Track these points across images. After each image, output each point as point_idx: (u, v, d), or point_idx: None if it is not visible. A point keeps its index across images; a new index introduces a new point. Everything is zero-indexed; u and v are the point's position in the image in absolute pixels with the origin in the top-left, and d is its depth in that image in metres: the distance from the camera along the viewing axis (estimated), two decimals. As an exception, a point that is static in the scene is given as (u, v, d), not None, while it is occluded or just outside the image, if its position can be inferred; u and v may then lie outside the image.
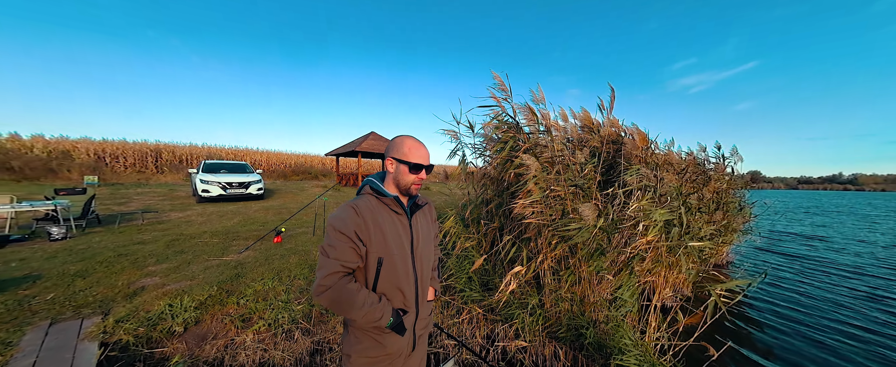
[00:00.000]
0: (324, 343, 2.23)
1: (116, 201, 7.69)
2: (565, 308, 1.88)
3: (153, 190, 10.31)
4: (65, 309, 2.31)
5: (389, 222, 0.91)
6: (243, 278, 2.94)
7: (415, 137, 0.95)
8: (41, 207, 4.63)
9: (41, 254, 3.53)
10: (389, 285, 0.90)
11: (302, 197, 9.57)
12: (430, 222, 1.08)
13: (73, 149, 14.56)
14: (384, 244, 0.88)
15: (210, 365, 1.96)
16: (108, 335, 2.02)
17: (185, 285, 2.75)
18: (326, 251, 0.84)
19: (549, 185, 1.61)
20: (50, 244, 3.93)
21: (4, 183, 10.15)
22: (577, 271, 1.71)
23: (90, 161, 14.21)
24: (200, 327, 2.25)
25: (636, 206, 1.44)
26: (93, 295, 2.54)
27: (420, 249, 0.96)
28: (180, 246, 3.96)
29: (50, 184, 10.49)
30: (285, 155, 22.29)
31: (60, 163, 12.77)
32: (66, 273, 2.95)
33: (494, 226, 2.46)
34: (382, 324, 0.86)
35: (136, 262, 3.32)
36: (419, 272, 0.96)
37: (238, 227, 5.23)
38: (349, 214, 0.86)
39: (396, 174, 0.93)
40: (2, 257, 3.39)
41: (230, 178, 8.07)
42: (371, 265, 0.88)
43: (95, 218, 5.17)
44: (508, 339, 2.01)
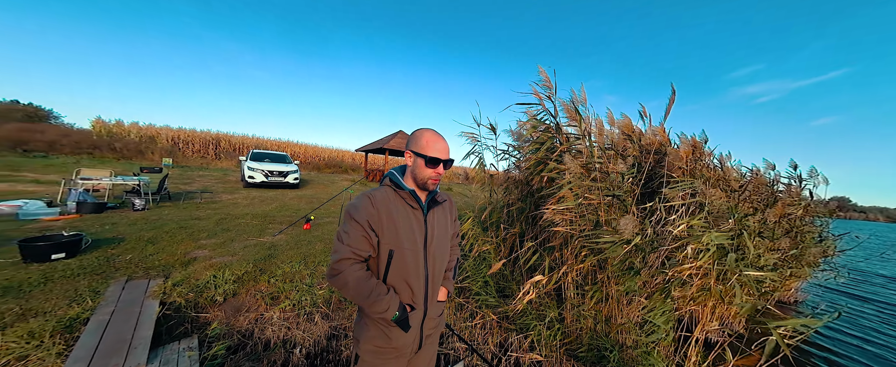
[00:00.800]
0: (340, 329, 2.33)
1: (183, 181, 8.99)
2: (588, 326, 1.72)
3: (211, 173, 11.86)
4: (137, 269, 2.74)
5: (404, 215, 0.90)
6: (274, 259, 3.22)
7: (435, 130, 0.93)
8: (130, 181, 5.59)
9: (126, 221, 4.25)
10: (399, 278, 0.89)
11: (331, 189, 10.25)
12: (449, 220, 1.04)
13: (157, 135, 17.42)
14: (396, 237, 0.87)
15: (242, 335, 2.17)
16: (166, 295, 2.34)
17: (227, 260, 3.09)
18: (341, 237, 0.86)
19: (583, 192, 1.48)
20: (132, 213, 4.72)
21: (108, 161, 12.49)
22: (606, 289, 1.54)
23: (168, 146, 16.88)
24: (237, 299, 2.50)
25: (684, 226, 1.24)
26: (158, 260, 2.98)
27: (433, 246, 0.94)
28: (227, 225, 4.47)
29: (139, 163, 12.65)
30: (320, 149, 24.14)
31: (147, 146, 15.38)
32: (141, 239, 3.51)
33: (515, 231, 2.36)
34: (388, 317, 0.85)
35: (192, 235, 3.83)
36: (430, 270, 0.94)
37: (274, 212, 5.76)
38: (364, 203, 0.87)
39: (414, 168, 0.91)
40: (99, 221, 4.15)
41: (272, 166, 8.95)
42: (382, 257, 0.88)
43: (167, 194, 6.10)
44: (522, 350, 1.90)
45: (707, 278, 1.20)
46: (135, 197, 5.13)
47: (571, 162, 1.42)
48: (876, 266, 6.68)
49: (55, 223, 3.86)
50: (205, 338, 2.05)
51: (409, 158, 0.93)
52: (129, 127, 17.12)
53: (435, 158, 0.88)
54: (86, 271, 2.61)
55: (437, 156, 0.88)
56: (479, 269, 2.43)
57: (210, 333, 2.08)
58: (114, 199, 5.55)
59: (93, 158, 12.54)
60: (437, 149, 0.89)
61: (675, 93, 1.39)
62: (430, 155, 0.88)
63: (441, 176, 0.91)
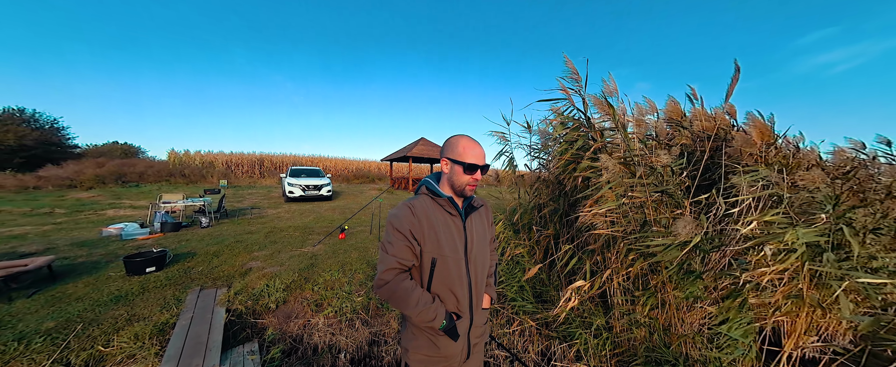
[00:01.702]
0: (380, 335, 2.42)
1: (236, 200, 10.21)
2: (642, 335, 1.55)
3: (258, 191, 13.31)
4: (207, 280, 3.16)
5: (443, 223, 0.90)
6: (316, 268, 3.47)
7: (470, 136, 0.92)
8: (197, 202, 6.52)
9: (196, 237, 4.95)
10: (443, 286, 0.89)
11: (361, 198, 10.83)
12: (486, 225, 1.03)
13: (214, 160, 20.19)
14: (438, 245, 0.87)
15: (293, 339, 2.36)
16: (230, 303, 2.66)
17: (276, 270, 3.41)
18: (385, 247, 0.88)
19: (626, 190, 1.35)
20: (200, 230, 5.48)
21: (180, 185, 14.73)
22: (661, 294, 1.38)
23: (223, 169, 19.43)
24: (287, 306, 2.74)
25: (755, 222, 1.05)
26: (222, 271, 3.40)
27: (474, 252, 0.93)
28: (274, 237, 4.96)
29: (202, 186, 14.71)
30: (348, 161, 25.81)
31: (207, 170, 17.88)
32: (208, 253, 4.04)
33: (548, 233, 2.25)
34: (436, 325, 0.85)
35: (247, 248, 4.31)
36: (473, 276, 0.93)
37: (313, 223, 6.25)
38: (405, 213, 0.88)
39: (451, 175, 0.91)
40: (177, 238, 4.89)
41: (308, 181, 9.77)
42: (425, 265, 0.89)
43: (225, 212, 6.97)
44: (567, 360, 1.78)
45: (794, 282, 0.99)
46: (201, 216, 5.96)
47: (609, 160, 1.31)
48: None
49: (147, 242, 4.64)
50: (263, 342, 2.28)
51: (445, 165, 0.93)
52: (194, 155, 20.13)
53: (473, 165, 0.87)
54: (171, 281, 3.09)
55: (474, 162, 0.88)
56: (512, 273, 2.36)
57: (267, 338, 2.31)
58: (186, 218, 6.51)
59: (170, 185, 14.90)
60: (475, 155, 0.88)
61: (738, 70, 1.20)
62: (468, 162, 0.87)
63: (478, 182, 0.91)
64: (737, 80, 1.22)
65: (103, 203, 9.00)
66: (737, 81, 1.22)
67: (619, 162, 1.35)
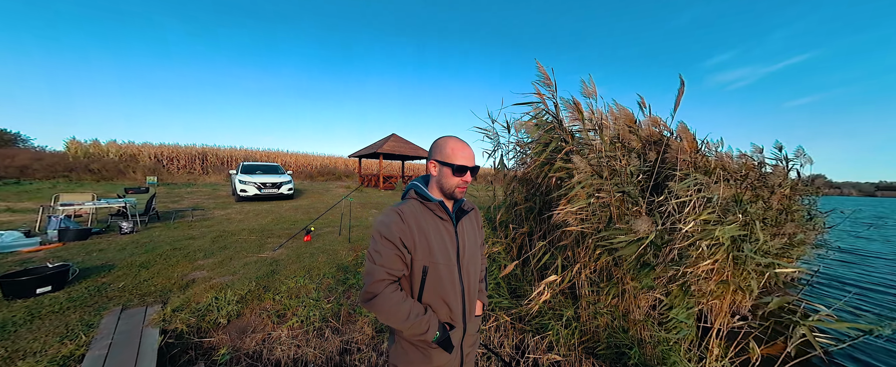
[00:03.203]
0: (353, 343, 2.28)
1: (171, 200, 8.66)
2: (604, 323, 1.73)
3: (200, 189, 11.48)
4: (133, 297, 2.61)
5: (435, 228, 0.87)
6: (278, 275, 3.13)
7: (458, 137, 0.90)
8: (115, 204, 5.34)
9: (114, 246, 4.06)
10: (435, 296, 0.86)
11: (327, 197, 10.07)
12: (476, 229, 1.01)
13: (138, 153, 16.76)
14: (429, 252, 0.84)
15: (250, 358, 2.09)
16: (166, 322, 2.24)
17: (228, 280, 2.98)
18: (373, 257, 0.82)
19: (594, 190, 1.49)
20: (121, 237, 4.51)
21: (87, 183, 11.91)
22: (622, 285, 1.56)
23: (151, 163, 16.25)
24: (241, 320, 2.41)
25: (693, 223, 1.25)
26: (154, 285, 2.85)
27: (466, 258, 0.91)
28: (223, 242, 4.33)
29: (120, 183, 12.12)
30: (311, 157, 23.72)
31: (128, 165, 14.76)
32: (133, 264, 3.35)
33: (523, 230, 2.36)
34: (428, 338, 0.82)
35: (188, 256, 3.68)
36: (466, 283, 0.91)
37: (271, 225, 5.61)
38: (394, 219, 0.83)
39: (440, 177, 0.89)
40: (85, 248, 3.94)
41: (264, 178, 8.73)
42: (416, 274, 0.85)
43: (155, 214, 5.86)
44: (540, 351, 1.90)
45: (723, 271, 1.22)
46: (122, 220, 4.90)
47: (581, 162, 1.43)
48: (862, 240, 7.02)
49: (36, 254, 3.64)
50: (212, 365, 1.97)
51: (433, 167, 0.90)
52: (107, 146, 16.40)
53: (462, 166, 0.85)
54: (76, 303, 2.47)
55: (464, 163, 0.85)
56: (489, 270, 2.43)
57: (219, 359, 2.00)
58: (98, 223, 5.29)
59: (70, 182, 11.93)
60: (464, 156, 0.86)
61: (683, 84, 1.40)
62: (458, 163, 0.85)
63: (468, 184, 0.89)
64: (682, 92, 1.44)
65: (-35, 205, 6.81)
66: (682, 93, 1.44)
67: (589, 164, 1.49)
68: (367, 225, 5.79)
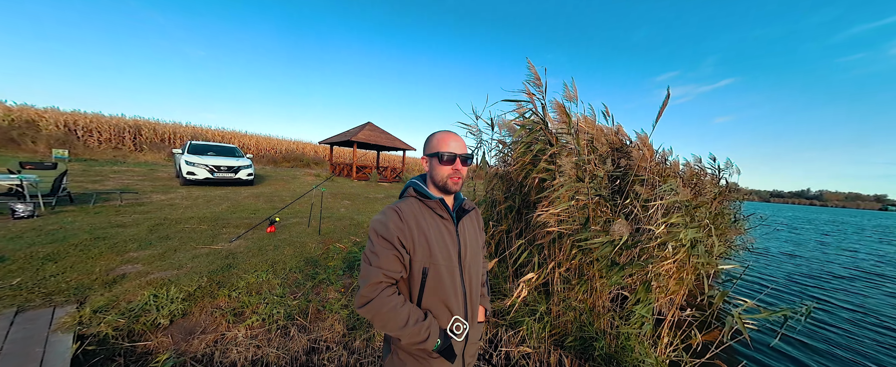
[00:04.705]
0: (321, 342, 2.14)
1: (90, 179, 7.18)
2: (572, 317, 1.87)
3: (131, 169, 9.70)
4: (33, 296, 2.11)
5: (435, 228, 0.82)
6: (235, 269, 2.79)
7: (447, 129, 0.89)
8: (4, 181, 4.23)
9: (5, 233, 3.23)
10: (436, 300, 0.81)
11: (294, 185, 9.26)
12: (477, 229, 0.97)
13: (39, 119, 13.40)
14: (429, 253, 0.79)
15: (198, 362, 1.84)
16: (83, 326, 1.86)
17: (171, 275, 2.58)
18: (369, 259, 0.76)
19: (575, 192, 1.57)
20: (14, 223, 3.60)
21: (-40, 151, 9.27)
22: (593, 283, 1.69)
23: (60, 133, 13.17)
24: (188, 319, 2.11)
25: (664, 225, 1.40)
26: (66, 282, 2.33)
27: (468, 259, 0.87)
28: (165, 231, 3.72)
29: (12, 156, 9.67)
30: (276, 140, 21.53)
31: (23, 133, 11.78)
32: (34, 256, 2.70)
33: (502, 228, 2.42)
34: (428, 346, 0.77)
35: (116, 247, 3.09)
36: (468, 286, 0.87)
37: (227, 214, 4.99)
38: (392, 218, 0.77)
39: (432, 171, 0.86)
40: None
41: (218, 161, 7.69)
42: (415, 276, 0.79)
43: (67, 196, 4.79)
44: (513, 345, 1.99)
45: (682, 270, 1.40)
46: (15, 201, 3.91)
47: (568, 165, 1.49)
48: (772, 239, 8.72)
49: None
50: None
51: (425, 163, 0.87)
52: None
53: (450, 154, 0.82)
54: (-56, 305, 1.92)
55: (452, 151, 0.82)
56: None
57: (159, 365, 1.72)
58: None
59: (-67, 148, 9.16)
60: (451, 144, 0.83)
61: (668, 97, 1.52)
62: (445, 151, 0.82)
63: (461, 174, 0.85)
64: (666, 104, 1.58)
65: None
66: (666, 105, 1.58)
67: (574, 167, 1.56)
68: (339, 217, 5.47)
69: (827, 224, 16.51)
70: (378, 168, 14.78)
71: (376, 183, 12.46)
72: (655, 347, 1.58)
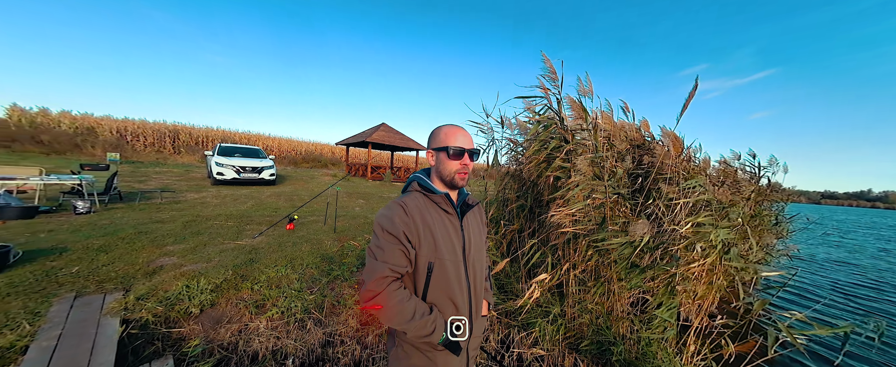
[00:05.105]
0: (336, 335, 2.22)
1: (137, 179, 7.95)
2: (588, 320, 1.79)
3: (170, 170, 10.62)
4: (89, 283, 2.37)
5: (440, 222, 0.82)
6: (257, 264, 2.96)
7: (454, 123, 0.87)
8: (68, 180, 4.80)
9: (67, 227, 3.66)
10: (440, 294, 0.81)
11: (312, 185, 9.67)
12: (481, 225, 0.97)
13: (97, 126, 15.13)
14: (435, 248, 0.79)
15: (225, 349, 1.97)
16: (128, 311, 2.05)
17: (201, 267, 2.79)
18: (374, 253, 0.76)
19: (591, 191, 1.49)
20: (75, 218, 4.07)
21: (34, 156, 10.65)
22: (610, 285, 1.60)
23: (112, 139, 14.76)
24: (216, 309, 2.27)
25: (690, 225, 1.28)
26: (115, 271, 2.60)
27: (472, 254, 0.87)
28: (197, 227, 4.03)
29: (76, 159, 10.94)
30: (296, 142, 22.62)
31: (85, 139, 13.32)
32: (90, 247, 3.04)
33: (514, 228, 2.37)
34: (434, 340, 0.77)
35: (155, 240, 3.39)
36: (472, 281, 0.87)
37: (251, 211, 5.31)
38: (397, 212, 0.77)
39: (438, 166, 0.84)
40: (31, 228, 3.52)
41: (244, 162, 8.22)
42: (421, 271, 0.80)
43: (117, 194, 5.34)
44: (525, 346, 1.94)
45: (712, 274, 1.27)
46: (76, 199, 4.42)
47: (584, 163, 1.41)
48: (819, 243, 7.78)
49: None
50: (182, 357, 1.84)
51: (431, 158, 0.86)
52: (58, 116, 14.67)
53: (459, 149, 0.80)
54: (18, 289, 2.21)
55: (460, 146, 0.81)
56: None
57: (190, 351, 1.87)
58: (48, 201, 4.75)
59: (12, 153, 10.63)
60: (459, 139, 0.82)
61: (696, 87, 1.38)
62: (453, 145, 0.80)
63: (469, 169, 0.83)
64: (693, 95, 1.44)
65: None
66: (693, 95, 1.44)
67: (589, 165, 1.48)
68: (353, 215, 5.64)
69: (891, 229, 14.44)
70: (392, 168, 15.05)
71: (390, 183, 12.71)
72: (680, 355, 1.46)
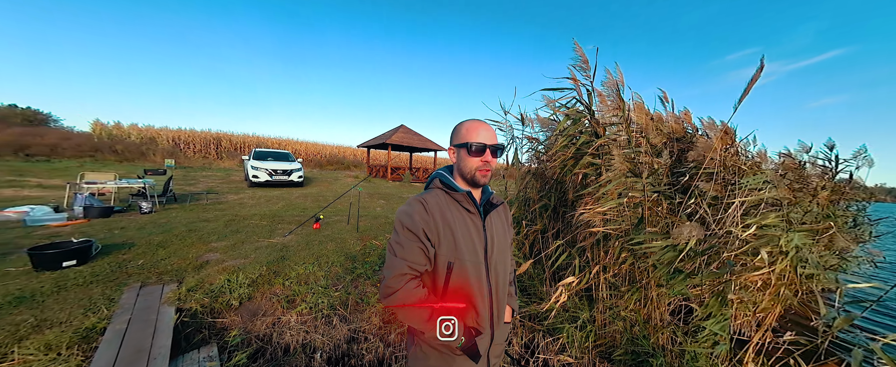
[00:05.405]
0: (360, 332, 2.28)
1: (187, 182, 8.95)
2: (621, 328, 1.64)
3: (214, 173, 11.81)
4: (150, 275, 2.69)
5: (461, 221, 0.79)
6: (287, 261, 3.16)
7: (476, 118, 0.83)
8: (135, 184, 5.53)
9: (134, 224, 4.21)
10: (460, 296, 0.78)
11: (336, 186, 10.17)
12: (506, 226, 0.92)
13: (157, 136, 17.37)
14: (454, 247, 0.76)
15: (260, 340, 2.13)
16: (181, 301, 2.30)
17: (240, 263, 3.04)
18: (394, 250, 0.75)
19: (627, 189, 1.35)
20: (140, 217, 4.68)
21: (111, 163, 12.47)
22: (648, 291, 1.45)
23: (169, 147, 16.83)
24: (252, 303, 2.45)
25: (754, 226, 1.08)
26: (170, 264, 2.93)
27: (495, 256, 0.82)
28: (236, 226, 4.42)
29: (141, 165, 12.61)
30: (321, 146, 24.02)
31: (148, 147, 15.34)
32: (151, 243, 3.46)
33: (537, 228, 2.26)
34: (452, 343, 0.74)
35: (202, 238, 3.77)
36: (494, 284, 0.82)
37: (282, 211, 5.71)
38: (417, 209, 0.76)
39: (459, 163, 0.81)
40: (108, 225, 4.11)
41: (275, 165, 8.88)
42: (440, 270, 0.77)
43: (173, 196, 6.05)
44: (552, 352, 1.84)
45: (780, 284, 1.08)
46: (141, 200, 5.08)
47: (619, 158, 1.29)
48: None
49: (63, 229, 3.82)
50: (224, 345, 2.01)
51: (452, 154, 0.83)
52: (128, 129, 17.08)
53: (480, 144, 0.76)
54: (98, 278, 2.57)
55: (482, 141, 0.77)
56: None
57: (230, 341, 2.04)
58: (120, 202, 5.51)
59: (95, 162, 12.52)
60: (481, 134, 0.78)
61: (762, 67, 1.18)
62: (474, 140, 0.76)
63: (491, 165, 0.79)
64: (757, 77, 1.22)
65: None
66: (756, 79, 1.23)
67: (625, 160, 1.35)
68: (374, 215, 5.81)
69: None
70: (411, 169, 15.33)
71: (409, 183, 12.94)
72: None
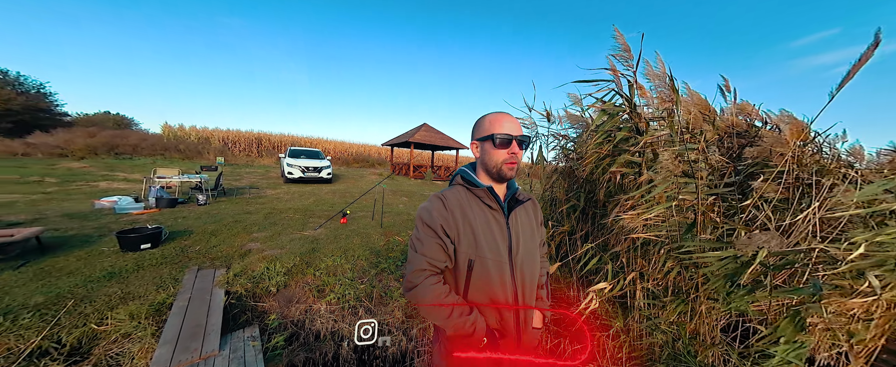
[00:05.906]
0: (383, 325, 2.37)
1: (234, 178, 10.00)
2: (661, 341, 1.49)
3: (255, 170, 13.06)
4: (205, 260, 3.06)
5: (482, 218, 0.76)
6: (318, 253, 3.38)
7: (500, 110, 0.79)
8: (193, 179, 6.33)
9: (193, 215, 4.81)
10: (482, 295, 0.76)
11: (362, 183, 10.67)
12: (535, 224, 0.86)
13: (211, 136, 19.69)
14: (475, 244, 0.74)
15: (295, 325, 2.30)
16: (229, 285, 2.58)
17: (277, 253, 3.32)
18: (414, 246, 0.75)
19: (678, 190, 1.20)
20: (197, 208, 5.33)
21: (176, 161, 14.40)
22: (696, 304, 1.29)
23: (220, 146, 18.97)
24: (288, 290, 2.66)
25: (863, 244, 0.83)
26: (220, 251, 3.29)
27: (520, 255, 0.78)
28: (274, 218, 4.84)
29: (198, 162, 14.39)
30: (348, 144, 25.37)
31: (204, 147, 17.46)
32: (206, 231, 3.93)
33: (564, 229, 2.14)
34: (474, 342, 0.73)
35: (246, 228, 4.19)
36: (519, 285, 0.78)
37: (313, 206, 6.12)
38: (436, 205, 0.75)
39: (483, 157, 0.78)
40: (173, 215, 4.75)
41: (308, 162, 9.55)
42: (461, 268, 0.75)
43: (222, 190, 6.80)
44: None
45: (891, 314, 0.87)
46: (198, 193, 5.79)
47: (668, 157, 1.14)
48: None
49: (141, 217, 4.50)
50: (265, 327, 2.21)
51: (476, 149, 0.80)
52: (189, 130, 19.59)
53: (506, 136, 0.72)
54: (166, 260, 2.98)
55: (507, 133, 0.73)
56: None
57: (270, 324, 2.24)
58: (182, 195, 6.34)
59: (165, 159, 14.57)
60: (506, 126, 0.74)
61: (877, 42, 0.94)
62: (499, 132, 0.73)
63: (518, 158, 0.75)
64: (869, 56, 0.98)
65: (96, 174, 8.76)
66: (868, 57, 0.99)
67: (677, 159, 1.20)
68: (397, 212, 5.98)
69: None
70: (433, 167, 15.52)
71: (431, 181, 13.12)
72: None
